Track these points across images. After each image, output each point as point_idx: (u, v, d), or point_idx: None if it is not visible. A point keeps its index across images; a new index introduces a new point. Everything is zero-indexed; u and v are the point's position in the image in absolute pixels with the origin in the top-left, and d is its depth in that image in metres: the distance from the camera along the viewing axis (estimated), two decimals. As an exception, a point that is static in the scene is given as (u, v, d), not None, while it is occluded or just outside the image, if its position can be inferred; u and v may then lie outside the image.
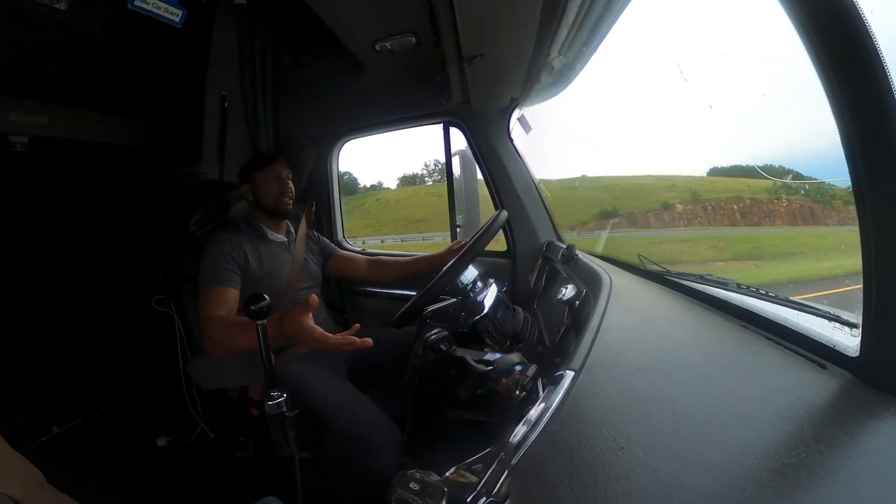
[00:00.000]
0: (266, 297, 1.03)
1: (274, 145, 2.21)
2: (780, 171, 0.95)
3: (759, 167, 0.97)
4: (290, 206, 1.70)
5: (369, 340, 1.10)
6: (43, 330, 2.04)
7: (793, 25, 0.50)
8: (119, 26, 1.75)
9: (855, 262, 0.53)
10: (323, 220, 2.35)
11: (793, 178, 0.93)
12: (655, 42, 1.30)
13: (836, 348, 0.60)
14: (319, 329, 1.13)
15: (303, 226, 1.85)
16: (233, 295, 1.46)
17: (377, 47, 1.54)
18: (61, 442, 2.02)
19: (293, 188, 1.72)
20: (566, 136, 2.19)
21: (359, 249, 2.25)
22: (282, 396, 1.02)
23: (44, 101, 1.73)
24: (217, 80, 2.01)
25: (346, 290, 2.30)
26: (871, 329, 0.53)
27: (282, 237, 1.73)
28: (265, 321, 1.03)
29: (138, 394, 2.22)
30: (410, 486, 0.56)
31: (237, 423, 1.77)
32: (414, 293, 1.28)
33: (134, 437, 2.09)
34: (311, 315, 1.13)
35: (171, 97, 2.05)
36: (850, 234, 0.54)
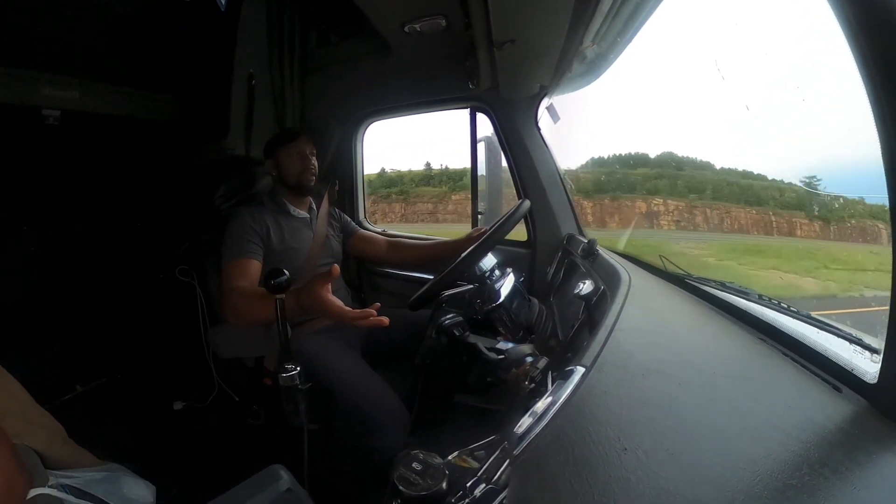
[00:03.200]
0: (286, 272, 1.05)
1: (300, 123, 2.23)
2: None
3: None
4: (313, 183, 1.72)
5: (385, 319, 1.10)
6: (71, 296, 2.12)
7: (840, 27, 0.48)
8: (150, 3, 1.77)
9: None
10: (346, 200, 2.36)
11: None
12: (693, 36, 1.26)
13: (854, 372, 0.57)
14: (337, 302, 1.13)
15: (325, 203, 1.87)
16: (255, 266, 1.49)
17: (406, 28, 1.53)
18: (84, 400, 2.11)
19: (316, 165, 1.73)
20: (594, 127, 2.14)
21: (380, 230, 2.27)
22: (295, 369, 1.05)
23: (76, 76, 1.76)
24: (245, 58, 2.03)
25: (365, 269, 2.32)
26: (893, 356, 0.50)
27: (304, 213, 1.75)
28: (284, 296, 1.05)
29: (159, 359, 2.30)
30: (413, 465, 0.58)
31: (251, 392, 1.82)
32: (431, 277, 1.29)
33: (152, 399, 2.18)
34: (329, 287, 1.13)
35: (200, 74, 2.08)
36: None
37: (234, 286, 1.41)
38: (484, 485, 0.51)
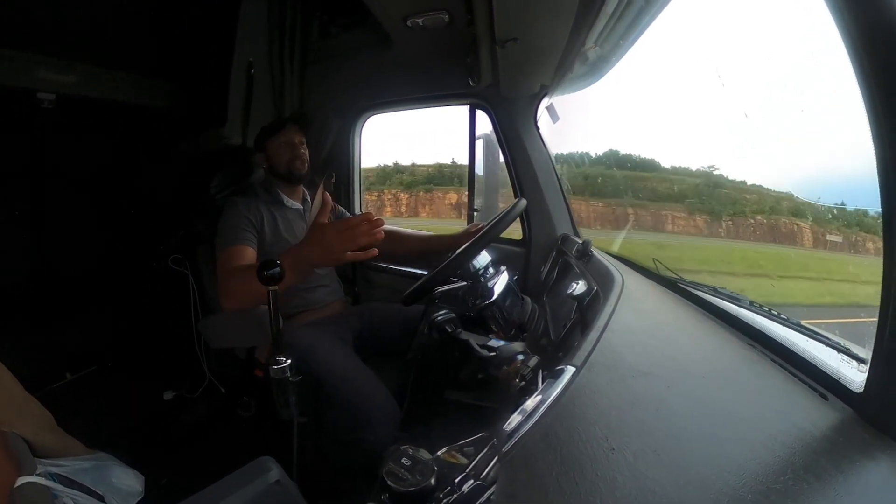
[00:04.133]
0: (279, 263, 1.04)
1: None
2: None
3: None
4: (304, 171, 1.71)
5: (381, 220, 1.14)
6: (63, 282, 2.11)
7: (841, 39, 0.48)
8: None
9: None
10: (342, 192, 2.36)
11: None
12: (695, 42, 1.26)
13: (841, 381, 0.58)
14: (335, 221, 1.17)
15: (319, 194, 1.86)
16: (250, 253, 1.49)
17: (408, 22, 1.52)
18: (73, 388, 2.10)
19: (306, 153, 1.73)
20: (592, 127, 2.14)
21: None
22: (287, 362, 1.04)
23: (72, 59, 1.75)
24: (245, 46, 2.01)
25: (358, 263, 2.31)
26: (880, 366, 0.51)
27: (298, 204, 1.75)
28: (277, 287, 1.05)
29: (149, 348, 2.29)
30: (402, 461, 0.58)
31: (242, 383, 1.81)
32: (426, 272, 1.29)
33: (142, 388, 2.17)
34: (327, 217, 1.18)
35: (198, 61, 2.06)
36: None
37: (228, 269, 1.40)
38: (472, 481, 0.51)
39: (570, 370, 0.62)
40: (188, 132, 2.17)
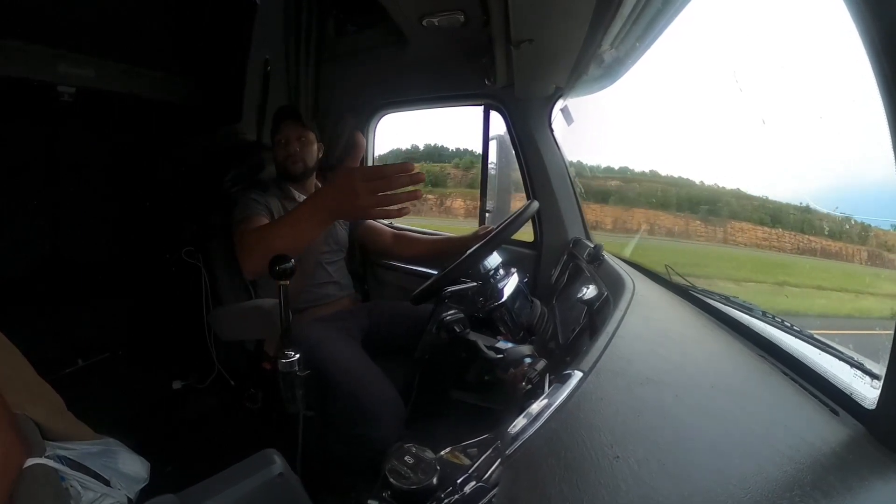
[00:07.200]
0: (291, 258, 1.05)
1: (313, 112, 2.23)
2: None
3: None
4: (298, 170, 1.70)
5: (422, 174, 0.96)
6: (77, 272, 2.14)
7: (863, 45, 0.47)
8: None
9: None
10: None
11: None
12: (712, 46, 1.24)
13: (853, 396, 0.56)
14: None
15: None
16: (266, 222, 1.49)
17: (424, 22, 1.52)
18: (84, 374, 2.14)
19: (307, 149, 1.71)
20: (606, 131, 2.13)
21: (387, 223, 2.27)
22: (295, 356, 1.05)
23: (91, 54, 1.78)
24: (261, 44, 2.04)
25: (369, 262, 2.32)
26: (894, 382, 0.49)
27: None
28: (288, 282, 1.05)
29: (160, 338, 2.32)
30: (405, 458, 0.58)
31: (249, 376, 1.83)
32: (436, 272, 1.29)
33: (152, 377, 2.21)
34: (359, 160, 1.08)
35: (216, 58, 2.09)
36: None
37: (246, 230, 1.41)
38: (474, 482, 0.51)
39: (578, 375, 0.61)
40: (204, 128, 2.20)
